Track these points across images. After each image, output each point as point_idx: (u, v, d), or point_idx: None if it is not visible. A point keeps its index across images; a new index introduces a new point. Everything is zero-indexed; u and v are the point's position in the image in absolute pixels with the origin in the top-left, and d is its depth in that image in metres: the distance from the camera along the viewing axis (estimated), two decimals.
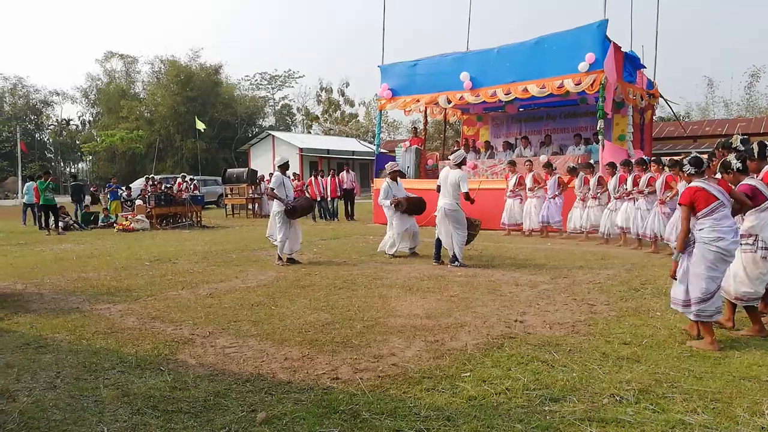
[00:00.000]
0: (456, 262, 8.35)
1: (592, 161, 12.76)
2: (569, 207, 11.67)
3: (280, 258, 8.88)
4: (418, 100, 15.87)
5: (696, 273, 4.37)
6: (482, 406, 3.30)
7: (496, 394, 3.47)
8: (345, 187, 18.76)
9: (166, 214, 17.04)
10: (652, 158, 10.35)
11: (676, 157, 9.51)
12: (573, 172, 11.68)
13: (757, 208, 4.67)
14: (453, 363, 4.05)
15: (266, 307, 5.92)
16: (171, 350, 4.47)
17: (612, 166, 10.84)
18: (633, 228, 9.99)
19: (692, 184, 4.55)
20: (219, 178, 26.53)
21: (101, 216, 17.66)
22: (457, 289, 6.69)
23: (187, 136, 42.45)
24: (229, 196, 21.89)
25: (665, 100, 17.22)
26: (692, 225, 4.46)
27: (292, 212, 8.85)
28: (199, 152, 35.45)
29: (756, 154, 4.91)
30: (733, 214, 4.59)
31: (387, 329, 4.97)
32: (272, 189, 9.03)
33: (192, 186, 20.47)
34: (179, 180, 21.58)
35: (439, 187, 8.63)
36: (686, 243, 4.44)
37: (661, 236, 9.34)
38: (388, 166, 10.07)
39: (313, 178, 18.82)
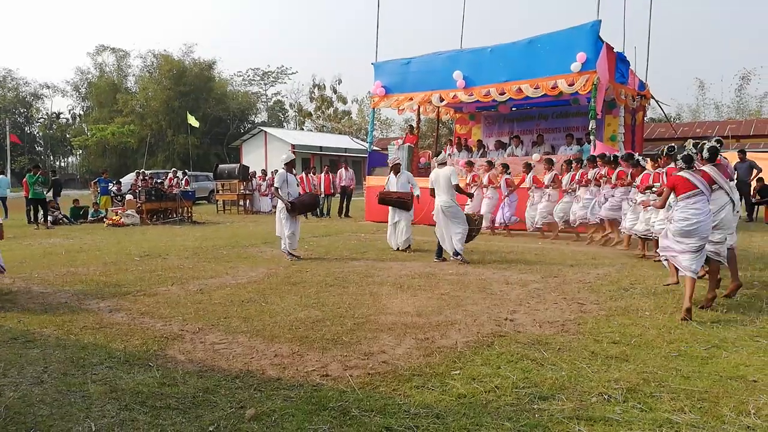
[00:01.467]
0: (458, 256, 8.44)
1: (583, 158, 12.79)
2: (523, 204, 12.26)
3: (290, 254, 8.89)
4: (411, 99, 15.86)
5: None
6: (471, 404, 3.31)
7: (485, 392, 3.48)
8: (343, 184, 18.74)
9: (156, 209, 16.94)
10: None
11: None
12: (569, 165, 11.62)
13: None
14: (443, 361, 4.06)
15: (256, 303, 5.90)
16: (160, 346, 4.45)
17: (591, 160, 11.13)
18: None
19: (679, 173, 5.51)
20: (210, 174, 26.41)
21: (91, 210, 17.52)
22: (447, 287, 6.70)
23: (179, 131, 42.24)
24: (221, 191, 21.79)
25: (656, 102, 17.32)
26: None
27: (292, 209, 8.88)
28: (191, 147, 35.30)
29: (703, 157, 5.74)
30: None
31: (377, 327, 4.97)
32: (277, 188, 9.07)
33: (183, 181, 20.35)
34: (170, 175, 21.45)
35: (432, 190, 8.74)
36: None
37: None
38: (390, 161, 10.29)
39: (304, 174, 18.77)
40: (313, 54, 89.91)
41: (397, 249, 9.79)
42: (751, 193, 15.17)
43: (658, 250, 6.30)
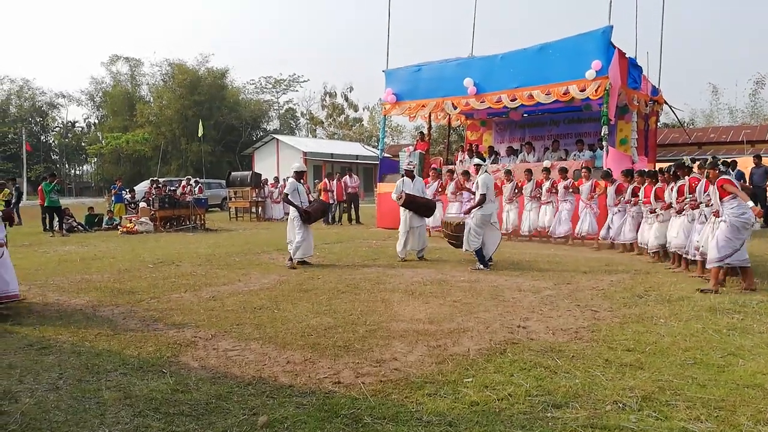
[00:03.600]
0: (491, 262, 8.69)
1: (595, 166, 12.75)
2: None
3: (291, 260, 8.91)
4: (423, 106, 15.88)
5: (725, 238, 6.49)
6: (484, 412, 3.29)
7: (498, 400, 3.45)
8: (349, 191, 18.79)
9: (169, 216, 17.07)
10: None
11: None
12: (607, 177, 11.28)
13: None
14: (455, 368, 4.04)
15: (269, 310, 5.92)
16: (173, 352, 4.47)
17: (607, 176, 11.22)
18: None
19: (725, 176, 6.65)
20: (223, 181, 26.58)
21: (105, 218, 17.71)
22: (459, 294, 6.68)
23: (192, 139, 42.60)
24: (233, 199, 21.93)
25: (669, 107, 17.21)
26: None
27: (307, 218, 8.92)
28: (204, 155, 35.58)
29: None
30: None
31: (389, 334, 4.96)
32: (287, 195, 9.11)
33: (197, 189, 20.52)
34: (183, 183, 21.63)
35: (483, 196, 8.55)
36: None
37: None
38: (404, 165, 10.29)
39: (327, 180, 18.88)
40: (325, 62, 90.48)
41: (404, 258, 9.59)
42: (767, 199, 14.96)
43: (730, 260, 6.60)
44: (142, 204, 17.44)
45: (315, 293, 6.81)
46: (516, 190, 12.58)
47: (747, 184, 14.53)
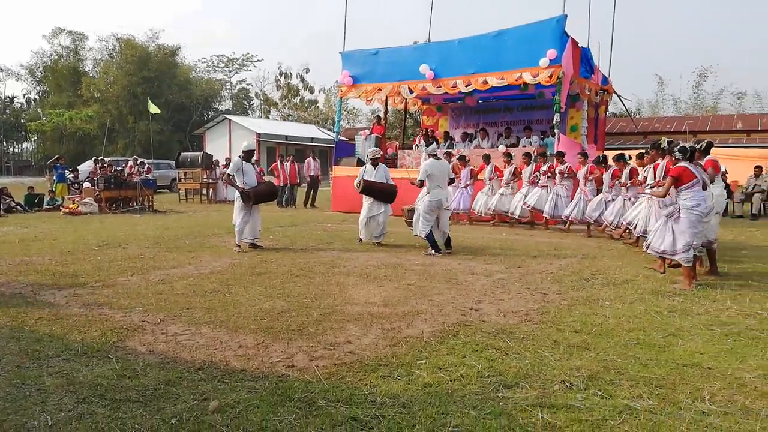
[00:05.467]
0: (451, 248, 8.68)
1: (548, 153, 13.03)
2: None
3: (237, 245, 8.73)
4: (380, 89, 15.80)
5: (681, 231, 6.17)
6: (437, 393, 3.33)
7: (450, 381, 3.50)
8: (311, 173, 18.61)
9: (115, 197, 16.49)
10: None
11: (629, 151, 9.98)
12: (528, 157, 12.12)
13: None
14: (409, 350, 4.07)
15: (220, 294, 5.81)
16: (119, 337, 4.33)
17: (560, 155, 11.60)
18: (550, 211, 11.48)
19: (681, 164, 6.18)
20: (172, 162, 25.84)
21: (46, 198, 16.94)
22: (414, 277, 6.73)
23: (140, 117, 41.15)
24: (183, 180, 21.35)
25: (618, 96, 17.70)
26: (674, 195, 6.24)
27: (248, 199, 8.68)
28: (152, 135, 34.43)
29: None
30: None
31: (344, 317, 4.95)
32: (229, 175, 8.88)
33: (145, 169, 19.87)
34: (130, 163, 20.90)
35: (422, 182, 8.58)
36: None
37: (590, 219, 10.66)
38: (369, 152, 10.08)
39: (279, 163, 18.59)
40: (280, 42, 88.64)
41: (360, 241, 9.54)
42: None
43: (685, 255, 6.15)
44: (86, 184, 16.77)
45: (268, 277, 6.72)
46: (471, 177, 12.76)
47: None
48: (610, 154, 10.76)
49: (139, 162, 20.79)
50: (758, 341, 4.28)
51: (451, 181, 9.03)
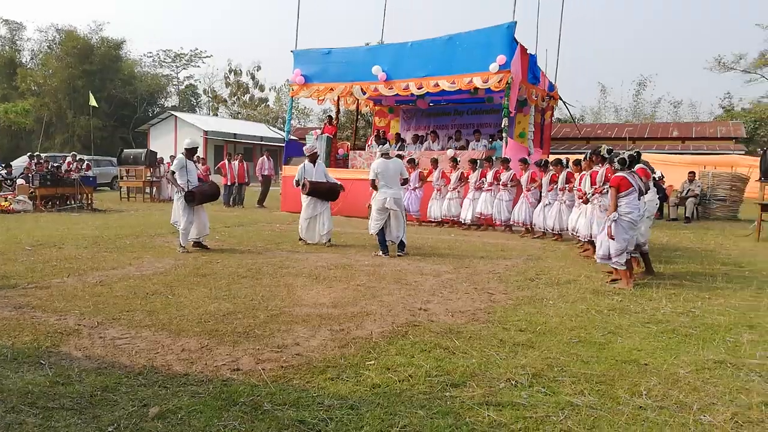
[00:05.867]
0: (404, 249, 8.55)
1: (494, 157, 13.30)
2: (428, 198, 13.07)
3: (182, 246, 8.48)
4: (332, 89, 15.71)
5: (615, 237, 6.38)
6: (386, 394, 3.32)
7: (399, 382, 3.50)
8: (264, 173, 18.30)
9: (52, 195, 15.75)
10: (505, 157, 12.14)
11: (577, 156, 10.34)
12: (434, 163, 12.64)
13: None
14: (358, 351, 4.05)
15: (162, 296, 5.63)
16: (53, 342, 4.12)
17: (505, 161, 11.90)
18: (499, 216, 11.73)
19: (619, 174, 6.46)
20: (114, 159, 24.89)
21: None
22: (363, 278, 6.71)
23: (80, 112, 39.39)
24: (125, 178, 20.60)
25: (564, 103, 18.24)
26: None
27: (191, 198, 8.45)
28: (93, 130, 33.02)
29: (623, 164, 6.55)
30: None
31: (292, 318, 4.88)
32: (172, 172, 8.60)
33: (84, 166, 19.06)
34: (68, 159, 20.00)
35: (373, 181, 8.62)
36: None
37: (530, 223, 11.17)
38: (306, 149, 9.90)
39: (227, 162, 18.18)
40: (230, 38, 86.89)
41: (310, 243, 9.41)
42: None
43: (617, 259, 6.41)
44: (20, 181, 15.94)
45: (213, 278, 6.56)
46: (420, 180, 12.94)
47: None
48: (552, 159, 11.12)
49: (78, 158, 19.94)
50: (691, 338, 4.48)
51: (405, 181, 9.02)
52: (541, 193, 10.97)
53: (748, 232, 11.48)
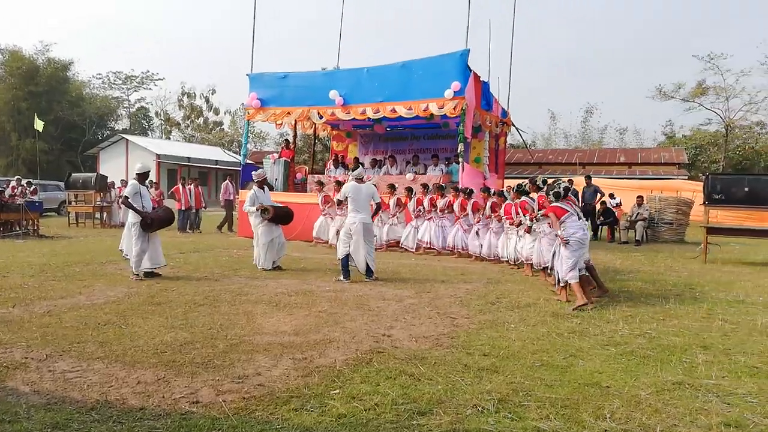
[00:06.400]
0: (373, 275, 8.47)
1: (449, 182, 13.50)
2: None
3: (136, 273, 8.19)
4: (289, 113, 15.67)
5: (566, 256, 6.86)
6: (351, 424, 3.26)
7: (365, 411, 3.44)
8: (229, 197, 17.96)
9: None
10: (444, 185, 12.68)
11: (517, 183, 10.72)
12: (440, 190, 12.47)
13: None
14: (322, 380, 3.97)
15: (115, 326, 5.40)
16: None
17: (457, 190, 12.16)
18: (437, 243, 12.03)
19: (554, 204, 7.15)
20: (61, 183, 23.99)
21: None
22: (325, 304, 6.63)
23: (25, 134, 37.99)
24: (73, 203, 19.86)
25: (516, 129, 18.75)
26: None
27: (149, 225, 8.22)
28: (39, 154, 31.82)
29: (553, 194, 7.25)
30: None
31: (252, 347, 4.76)
32: (126, 198, 8.33)
33: (30, 191, 18.29)
34: (13, 183, 19.17)
35: (340, 201, 8.67)
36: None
37: (464, 247, 11.63)
38: (256, 174, 9.85)
39: (181, 186, 17.76)
40: (183, 60, 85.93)
41: (270, 269, 9.32)
42: (596, 215, 16.87)
43: (571, 274, 6.76)
44: None
45: (169, 306, 6.35)
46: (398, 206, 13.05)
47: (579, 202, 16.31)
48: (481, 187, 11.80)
49: (25, 182, 19.14)
50: (649, 360, 4.59)
51: (378, 207, 8.97)
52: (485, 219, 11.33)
53: (695, 255, 11.95)
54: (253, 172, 10.19)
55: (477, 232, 11.31)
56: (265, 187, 9.80)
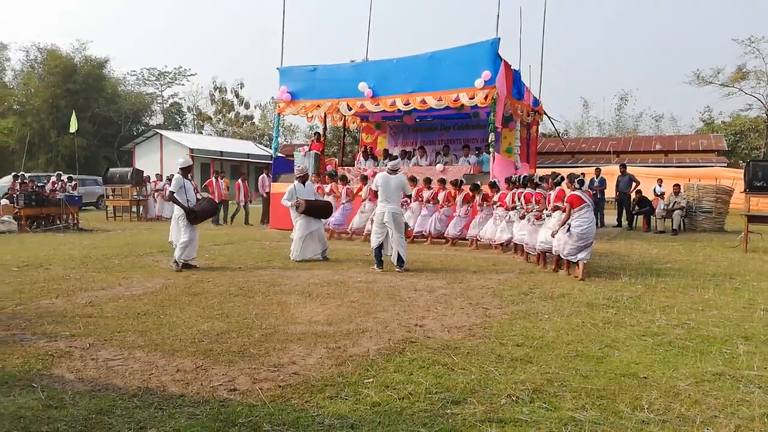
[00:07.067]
0: (403, 265, 8.50)
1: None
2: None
3: (176, 263, 8.40)
4: (318, 106, 15.75)
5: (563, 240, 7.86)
6: (386, 412, 3.28)
7: (399, 399, 3.46)
8: (267, 190, 18.26)
9: (37, 215, 15.53)
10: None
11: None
12: (428, 182, 12.77)
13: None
14: (355, 369, 4.00)
15: (154, 316, 5.54)
16: (44, 365, 4.03)
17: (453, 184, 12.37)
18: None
19: (575, 192, 7.90)
20: (99, 178, 24.65)
21: None
22: (357, 295, 6.67)
23: (64, 131, 39.05)
24: (111, 197, 20.40)
25: (549, 117, 18.45)
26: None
27: (194, 217, 8.47)
28: (78, 149, 32.71)
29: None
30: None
31: (287, 337, 4.83)
32: (172, 193, 8.55)
33: (71, 186, 18.87)
34: (53, 179, 19.79)
35: (375, 193, 8.79)
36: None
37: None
38: (298, 170, 10.16)
39: (214, 179, 18.12)
40: (215, 56, 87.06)
41: (301, 260, 9.41)
42: (631, 204, 16.53)
43: (565, 254, 7.96)
44: (4, 201, 15.71)
45: (205, 297, 6.48)
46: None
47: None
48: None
49: (66, 177, 19.75)
50: (688, 350, 4.49)
51: (408, 198, 9.17)
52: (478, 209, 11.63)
53: (735, 244, 11.62)
54: (295, 168, 10.48)
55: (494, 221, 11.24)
56: (307, 182, 9.91)
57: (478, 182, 12.00)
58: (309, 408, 3.34)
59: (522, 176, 10.32)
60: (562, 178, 8.72)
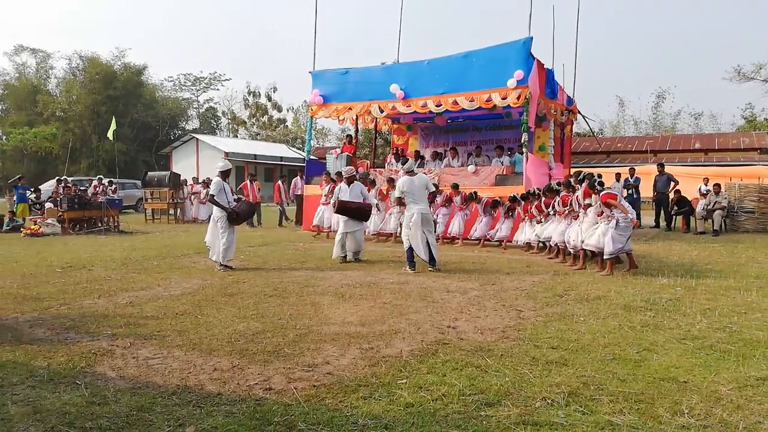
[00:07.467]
0: (435, 265, 8.56)
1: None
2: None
3: (223, 264, 8.62)
4: (350, 108, 15.86)
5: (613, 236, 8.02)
6: (420, 413, 3.28)
7: (432, 401, 3.46)
8: (298, 192, 18.56)
9: (80, 218, 16.05)
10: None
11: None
12: (391, 183, 12.79)
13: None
14: (389, 370, 4.02)
15: (192, 315, 5.66)
16: (88, 362, 4.17)
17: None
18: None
19: (606, 191, 8.33)
20: (138, 182, 25.32)
21: (6, 219, 16.37)
22: (389, 296, 6.69)
23: (104, 137, 40.29)
24: (150, 200, 20.94)
25: (583, 117, 18.15)
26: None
27: (235, 218, 8.67)
28: (118, 154, 33.71)
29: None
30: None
31: (320, 337, 4.87)
32: (212, 196, 8.76)
33: (112, 189, 19.44)
34: (95, 182, 20.42)
35: (399, 199, 8.85)
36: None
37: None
38: (345, 171, 10.41)
39: (248, 182, 18.47)
40: (248, 61, 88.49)
41: (343, 260, 9.60)
42: (670, 204, 16.12)
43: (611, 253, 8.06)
44: (49, 204, 16.28)
45: (241, 297, 6.59)
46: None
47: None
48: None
49: (107, 180, 20.37)
50: (730, 354, 4.36)
51: (433, 196, 9.20)
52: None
53: None
54: (343, 169, 10.65)
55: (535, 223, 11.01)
56: (353, 184, 10.00)
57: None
58: (343, 408, 3.37)
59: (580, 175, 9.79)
60: (584, 177, 8.91)
